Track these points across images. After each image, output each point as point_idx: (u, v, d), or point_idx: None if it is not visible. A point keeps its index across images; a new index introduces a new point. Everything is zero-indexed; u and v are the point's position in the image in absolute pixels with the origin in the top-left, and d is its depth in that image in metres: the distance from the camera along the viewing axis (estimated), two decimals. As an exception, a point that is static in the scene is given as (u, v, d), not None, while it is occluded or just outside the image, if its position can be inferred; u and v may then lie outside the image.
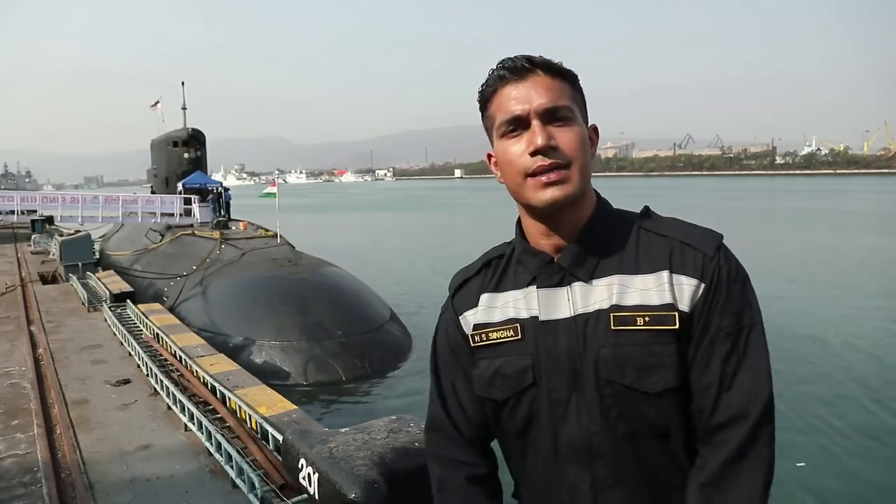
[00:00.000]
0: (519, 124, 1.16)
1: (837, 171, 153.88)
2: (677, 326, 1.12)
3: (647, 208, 1.28)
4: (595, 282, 1.18)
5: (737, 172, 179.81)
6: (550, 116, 1.15)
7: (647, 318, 1.13)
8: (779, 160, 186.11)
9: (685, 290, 1.13)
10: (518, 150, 1.16)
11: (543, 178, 1.14)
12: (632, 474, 1.16)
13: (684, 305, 1.13)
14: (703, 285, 1.13)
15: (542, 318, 1.20)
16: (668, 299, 1.13)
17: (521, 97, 1.15)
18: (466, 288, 1.36)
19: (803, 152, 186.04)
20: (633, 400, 1.13)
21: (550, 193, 1.14)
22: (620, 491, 1.16)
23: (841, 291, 17.29)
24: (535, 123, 1.14)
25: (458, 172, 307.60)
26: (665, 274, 1.15)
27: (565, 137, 1.14)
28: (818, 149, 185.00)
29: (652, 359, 1.12)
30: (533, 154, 1.14)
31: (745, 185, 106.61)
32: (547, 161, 1.13)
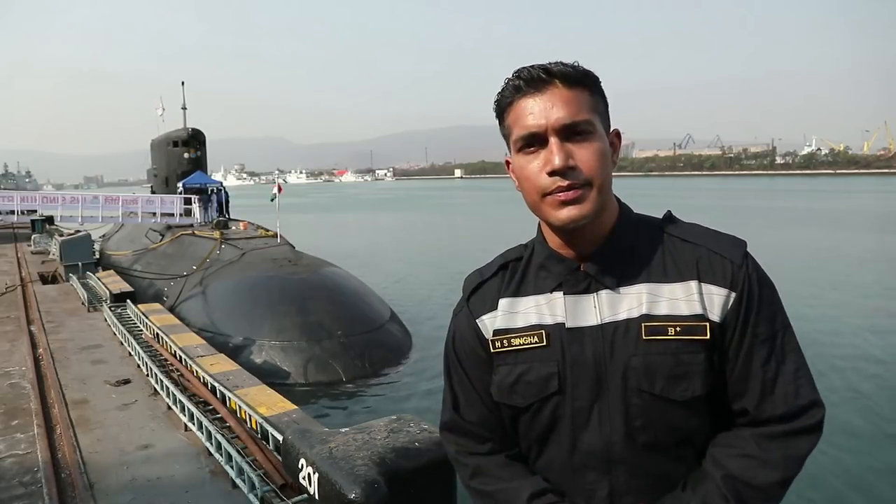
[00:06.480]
0: (536, 140, 1.13)
1: (837, 171, 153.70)
2: (708, 337, 1.12)
3: (669, 213, 1.27)
4: (622, 290, 1.17)
5: (737, 172, 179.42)
6: (569, 132, 1.11)
7: (678, 328, 1.12)
8: (779, 160, 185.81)
9: (715, 300, 1.13)
10: (535, 167, 1.13)
11: (560, 196, 1.11)
12: (649, 482, 1.16)
13: (715, 315, 1.13)
14: (733, 294, 1.13)
15: (568, 325, 1.18)
16: (698, 310, 1.13)
17: (538, 112, 1.11)
18: (482, 290, 1.32)
19: (803, 152, 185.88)
20: (660, 408, 1.13)
21: (567, 213, 1.12)
22: (637, 497, 1.16)
23: (841, 290, 17.29)
24: (553, 141, 1.11)
25: (458, 172, 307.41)
26: (694, 284, 1.14)
27: (584, 155, 1.11)
28: (818, 149, 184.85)
29: (681, 368, 1.12)
30: (550, 174, 1.11)
31: (746, 185, 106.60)
32: (565, 182, 1.10)
